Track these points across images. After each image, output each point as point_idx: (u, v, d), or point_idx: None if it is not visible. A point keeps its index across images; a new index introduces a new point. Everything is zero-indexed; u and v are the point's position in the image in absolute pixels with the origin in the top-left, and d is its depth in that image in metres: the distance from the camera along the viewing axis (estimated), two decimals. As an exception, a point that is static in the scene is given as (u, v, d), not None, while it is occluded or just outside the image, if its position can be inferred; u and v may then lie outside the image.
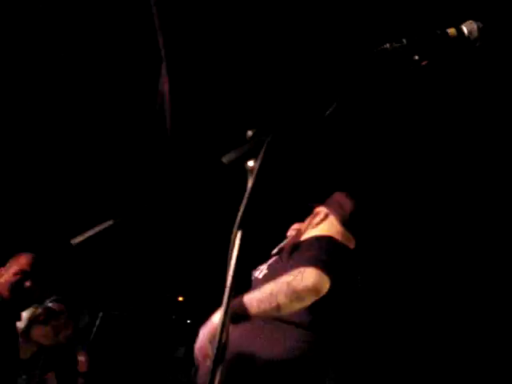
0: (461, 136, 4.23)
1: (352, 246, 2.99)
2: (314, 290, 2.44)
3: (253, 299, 2.41)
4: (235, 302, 2.35)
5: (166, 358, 8.67)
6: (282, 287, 2.42)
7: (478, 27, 1.84)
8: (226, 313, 1.50)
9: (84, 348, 5.62)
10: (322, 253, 2.63)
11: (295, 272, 2.48)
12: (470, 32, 1.83)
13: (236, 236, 1.58)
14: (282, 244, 3.12)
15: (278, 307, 2.40)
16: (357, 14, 2.94)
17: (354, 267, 2.92)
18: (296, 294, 2.41)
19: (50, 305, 4.92)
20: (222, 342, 1.48)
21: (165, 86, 4.26)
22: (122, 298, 7.98)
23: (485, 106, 3.74)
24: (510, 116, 3.91)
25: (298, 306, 2.46)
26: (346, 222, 3.01)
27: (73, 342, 6.28)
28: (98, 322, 7.34)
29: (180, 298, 8.39)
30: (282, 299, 2.40)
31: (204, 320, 2.51)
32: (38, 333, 4.65)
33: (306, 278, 2.44)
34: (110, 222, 1.61)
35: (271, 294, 2.41)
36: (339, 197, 3.14)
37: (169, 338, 8.55)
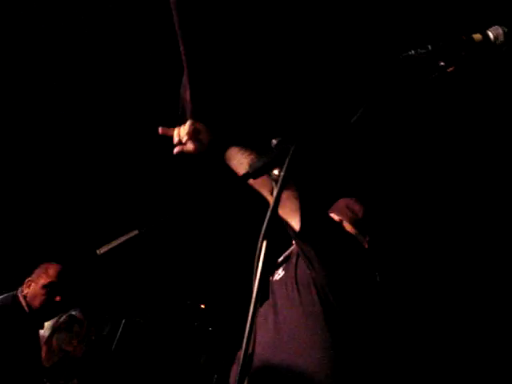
0: (482, 140, 4.19)
1: (366, 246, 3.02)
2: None
3: None
4: None
5: (188, 365, 8.67)
6: None
7: (504, 32, 1.82)
8: (252, 323, 1.49)
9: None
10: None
11: None
12: (495, 37, 1.81)
13: (262, 246, 1.57)
14: (289, 251, 3.11)
15: None
16: (382, 20, 2.92)
17: (370, 265, 2.91)
18: None
19: (73, 313, 4.96)
20: (248, 353, 1.47)
21: (186, 93, 4.26)
22: (145, 306, 8.00)
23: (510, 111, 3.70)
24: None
25: None
26: (358, 227, 3.03)
27: (95, 349, 6.32)
28: (120, 330, 7.36)
29: (202, 306, 8.39)
30: None
31: (224, 328, 2.51)
32: (62, 340, 4.68)
33: None
34: (136, 232, 1.61)
35: None
36: (348, 203, 3.15)
37: (191, 345, 8.55)
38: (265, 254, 1.58)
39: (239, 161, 2.55)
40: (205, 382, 8.62)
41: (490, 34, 1.81)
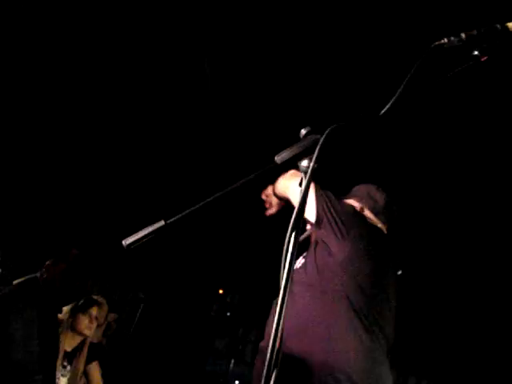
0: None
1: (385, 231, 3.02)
2: None
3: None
4: None
5: (206, 349, 8.71)
6: None
7: (540, 21, 1.77)
8: (280, 316, 1.47)
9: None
10: None
11: None
12: (531, 25, 1.76)
13: (291, 237, 1.55)
14: (305, 234, 3.09)
15: None
16: (414, 9, 2.87)
17: (390, 251, 2.89)
18: None
19: (95, 297, 4.98)
20: (276, 347, 1.45)
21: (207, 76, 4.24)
22: (165, 290, 8.03)
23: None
24: None
25: None
26: (379, 214, 3.04)
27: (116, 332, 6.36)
28: (139, 313, 7.39)
29: (220, 291, 8.40)
30: None
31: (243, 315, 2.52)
32: (83, 323, 4.71)
33: None
34: (162, 223, 1.59)
35: None
36: (369, 190, 3.13)
37: (209, 330, 8.58)
38: (293, 246, 1.56)
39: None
40: (222, 366, 8.67)
41: (526, 22, 1.76)
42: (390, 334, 2.67)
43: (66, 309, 4.67)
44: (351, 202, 3.08)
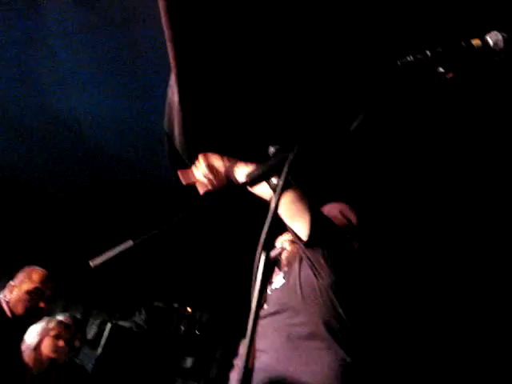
0: (479, 146, 4.18)
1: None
2: None
3: None
4: None
5: (174, 369, 8.62)
6: None
7: (504, 38, 1.80)
8: (251, 338, 1.45)
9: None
10: None
11: None
12: (495, 43, 1.79)
13: (260, 257, 1.53)
14: (273, 254, 3.07)
15: None
16: (378, 25, 2.90)
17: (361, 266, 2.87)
18: None
19: (61, 318, 4.88)
20: (247, 367, 1.43)
21: (174, 96, 4.20)
22: (131, 309, 7.94)
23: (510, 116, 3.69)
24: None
25: None
26: (351, 234, 2.97)
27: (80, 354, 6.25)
28: (106, 334, 7.29)
29: (189, 309, 8.34)
30: None
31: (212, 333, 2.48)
32: (50, 348, 4.61)
33: None
34: (130, 243, 1.57)
35: None
36: (341, 208, 3.11)
37: (177, 349, 8.51)
38: (264, 265, 1.55)
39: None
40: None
41: (490, 40, 1.79)
42: None
43: (33, 330, 4.58)
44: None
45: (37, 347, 4.57)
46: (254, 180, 1.65)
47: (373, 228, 3.17)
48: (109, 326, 7.36)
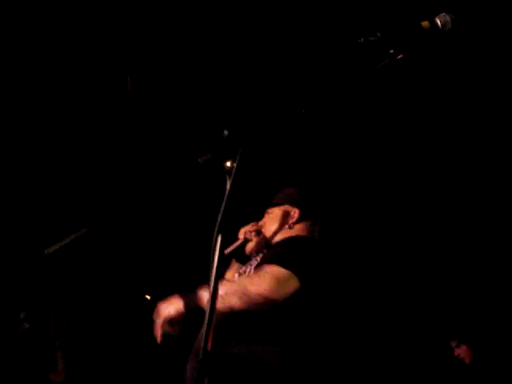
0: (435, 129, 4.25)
1: (317, 234, 3.04)
2: (268, 297, 2.39)
3: (206, 295, 2.24)
4: (194, 293, 2.28)
5: (138, 358, 8.58)
6: (238, 289, 2.38)
7: (452, 19, 1.83)
8: (210, 319, 1.45)
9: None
10: (294, 254, 2.61)
11: (256, 272, 2.46)
12: (443, 24, 1.82)
13: (217, 240, 1.53)
14: (234, 245, 3.08)
15: (230, 309, 2.34)
16: (330, 8, 2.91)
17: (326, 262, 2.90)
18: (249, 299, 2.36)
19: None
20: (207, 350, 1.44)
21: (128, 84, 4.17)
22: (88, 302, 7.85)
23: (459, 97, 3.76)
24: (482, 107, 3.95)
25: (252, 312, 2.38)
26: (311, 215, 3.05)
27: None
28: (64, 329, 7.19)
29: (147, 297, 8.30)
30: (234, 301, 2.35)
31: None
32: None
33: (263, 282, 2.39)
34: (84, 230, 1.55)
35: (226, 293, 2.32)
36: (297, 192, 3.14)
37: (137, 337, 8.46)
38: (220, 248, 1.55)
39: None
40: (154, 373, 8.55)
41: (438, 21, 1.81)
42: None
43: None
44: (286, 207, 3.09)
45: None
46: (207, 162, 1.65)
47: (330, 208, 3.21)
48: (65, 322, 7.27)
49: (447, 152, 4.54)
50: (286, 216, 3.04)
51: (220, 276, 1.55)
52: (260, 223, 3.14)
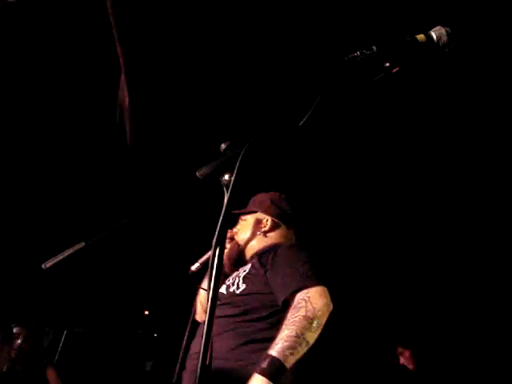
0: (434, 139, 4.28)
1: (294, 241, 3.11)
2: (327, 309, 2.45)
3: (284, 350, 2.28)
4: (265, 363, 2.24)
5: (134, 373, 8.55)
6: (302, 324, 2.37)
7: (447, 32, 1.84)
8: (208, 333, 1.45)
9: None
10: (305, 267, 2.61)
11: (301, 302, 2.46)
12: (438, 37, 1.83)
13: (215, 252, 1.54)
14: (207, 255, 3.09)
15: (307, 343, 2.35)
16: (326, 22, 2.93)
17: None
18: (317, 323, 2.40)
19: (14, 330, 4.79)
20: (205, 364, 1.44)
21: (125, 98, 4.17)
22: (87, 315, 7.84)
23: (455, 109, 3.78)
24: (478, 118, 3.97)
25: (320, 330, 2.42)
26: (286, 220, 3.10)
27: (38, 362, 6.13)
28: (62, 340, 7.19)
29: (146, 312, 8.29)
30: (308, 335, 2.36)
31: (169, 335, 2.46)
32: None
33: (316, 303, 2.43)
34: (82, 244, 1.55)
35: (297, 336, 2.33)
36: (271, 197, 3.17)
37: (136, 353, 8.43)
38: (218, 260, 1.55)
39: None
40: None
41: (433, 35, 1.83)
42: None
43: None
44: (258, 215, 3.11)
45: None
46: (205, 176, 1.66)
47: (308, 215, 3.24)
48: (65, 332, 7.26)
49: (439, 167, 4.57)
50: (258, 224, 3.09)
51: (218, 288, 1.55)
52: (234, 230, 3.17)
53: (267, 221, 3.07)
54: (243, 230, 3.11)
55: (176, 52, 3.44)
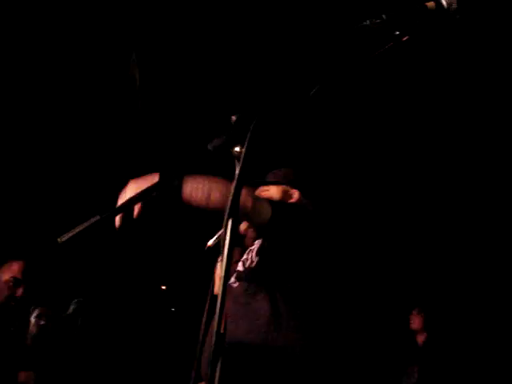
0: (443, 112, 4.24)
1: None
2: None
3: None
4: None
5: (152, 347, 8.66)
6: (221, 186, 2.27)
7: (457, -2, 1.82)
8: (222, 302, 1.47)
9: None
10: None
11: None
12: (449, 4, 1.81)
13: (228, 224, 1.55)
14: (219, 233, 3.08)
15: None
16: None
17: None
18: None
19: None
20: (220, 332, 1.46)
21: (135, 71, 4.18)
22: (107, 289, 7.92)
23: (465, 79, 3.74)
24: (487, 88, 3.92)
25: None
26: (309, 198, 3.01)
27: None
28: (82, 313, 7.25)
29: (163, 287, 8.36)
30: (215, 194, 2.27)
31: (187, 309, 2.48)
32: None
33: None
34: (97, 217, 1.57)
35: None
36: (292, 172, 3.13)
37: (154, 327, 8.53)
38: (230, 233, 1.57)
39: None
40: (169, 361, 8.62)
41: (443, 1, 1.81)
42: None
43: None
44: (283, 187, 3.08)
45: None
46: (216, 148, 1.66)
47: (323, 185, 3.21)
48: (85, 305, 7.32)
49: (452, 139, 4.54)
50: (284, 196, 3.00)
51: (231, 261, 1.57)
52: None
53: (294, 193, 3.03)
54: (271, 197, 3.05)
55: (186, 23, 3.43)
